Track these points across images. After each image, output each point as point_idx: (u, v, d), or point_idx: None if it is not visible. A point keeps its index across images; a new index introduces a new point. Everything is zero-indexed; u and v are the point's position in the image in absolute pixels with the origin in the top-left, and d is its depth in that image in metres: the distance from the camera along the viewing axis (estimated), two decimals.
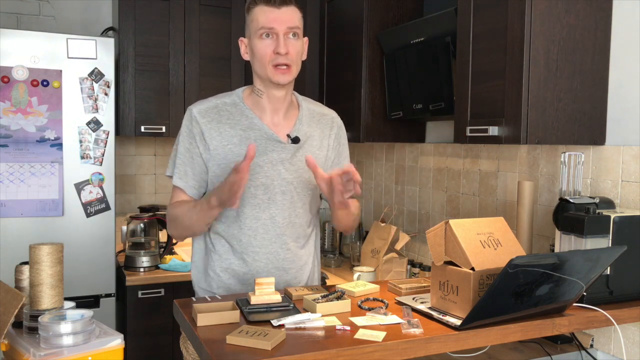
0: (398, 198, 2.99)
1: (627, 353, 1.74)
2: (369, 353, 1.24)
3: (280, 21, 1.60)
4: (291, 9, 1.63)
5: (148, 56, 2.99)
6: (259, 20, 1.61)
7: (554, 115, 1.74)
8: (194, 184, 1.71)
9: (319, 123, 1.79)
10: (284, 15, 1.61)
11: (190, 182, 1.70)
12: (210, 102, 1.72)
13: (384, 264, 2.49)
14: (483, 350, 1.72)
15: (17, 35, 2.56)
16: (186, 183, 1.70)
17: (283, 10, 1.61)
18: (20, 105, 2.56)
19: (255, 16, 1.63)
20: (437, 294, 1.48)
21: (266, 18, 1.60)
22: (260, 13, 1.61)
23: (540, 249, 2.07)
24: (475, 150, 2.44)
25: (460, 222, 1.44)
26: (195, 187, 1.71)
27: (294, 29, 1.62)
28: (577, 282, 1.39)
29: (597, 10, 1.79)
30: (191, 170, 1.70)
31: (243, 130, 1.68)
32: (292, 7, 1.63)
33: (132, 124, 2.97)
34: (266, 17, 1.60)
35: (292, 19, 1.62)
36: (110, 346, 1.34)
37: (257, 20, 1.62)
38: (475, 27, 1.89)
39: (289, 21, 1.61)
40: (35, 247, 1.40)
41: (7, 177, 2.56)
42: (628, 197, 1.77)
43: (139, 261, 2.82)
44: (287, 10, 1.62)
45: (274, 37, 1.61)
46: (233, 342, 1.23)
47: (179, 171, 1.71)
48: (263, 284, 1.48)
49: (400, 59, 2.51)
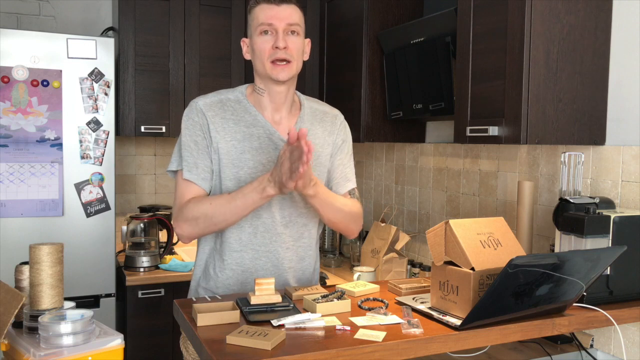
0: (398, 198, 2.99)
1: (627, 353, 1.74)
2: (369, 353, 1.24)
3: (280, 18, 1.61)
4: (291, 7, 1.64)
5: (148, 56, 2.99)
6: (259, 18, 1.63)
7: (554, 115, 1.74)
8: (205, 175, 1.66)
9: (322, 121, 1.79)
10: (283, 12, 1.62)
11: (202, 174, 1.66)
12: (214, 96, 1.71)
13: (384, 264, 2.49)
14: (483, 350, 1.72)
15: (17, 35, 2.56)
16: (197, 176, 1.65)
17: (283, 8, 1.62)
18: (20, 105, 2.56)
19: (255, 14, 1.64)
20: (437, 294, 1.48)
21: (265, 15, 1.62)
22: (260, 11, 1.63)
23: (540, 249, 2.07)
24: (475, 150, 2.44)
25: (460, 222, 1.44)
26: (207, 180, 1.66)
27: (293, 25, 1.63)
28: (577, 282, 1.39)
29: (597, 10, 1.79)
30: (201, 162, 1.66)
31: (246, 126, 1.68)
32: (292, 5, 1.64)
33: (132, 124, 2.97)
34: (265, 14, 1.62)
35: (291, 16, 1.63)
36: (110, 346, 1.34)
37: (257, 18, 1.63)
38: (475, 27, 1.89)
39: (288, 18, 1.62)
40: (35, 247, 1.40)
41: (7, 177, 2.56)
42: (628, 197, 1.77)
43: (139, 261, 2.82)
44: (287, 7, 1.63)
45: (273, 33, 1.62)
46: (233, 342, 1.23)
47: (188, 164, 1.66)
48: (263, 284, 1.48)
49: (400, 59, 2.51)
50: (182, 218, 1.64)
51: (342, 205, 1.70)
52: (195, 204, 1.62)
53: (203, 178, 1.66)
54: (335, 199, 1.69)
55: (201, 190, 1.67)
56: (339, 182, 1.80)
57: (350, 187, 1.82)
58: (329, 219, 1.70)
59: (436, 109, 2.33)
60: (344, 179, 1.81)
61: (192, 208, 1.62)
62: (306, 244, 1.77)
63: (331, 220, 1.71)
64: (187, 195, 1.66)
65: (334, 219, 1.70)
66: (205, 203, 1.61)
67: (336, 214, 1.69)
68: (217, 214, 1.59)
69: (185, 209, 1.63)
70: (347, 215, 1.72)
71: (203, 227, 1.63)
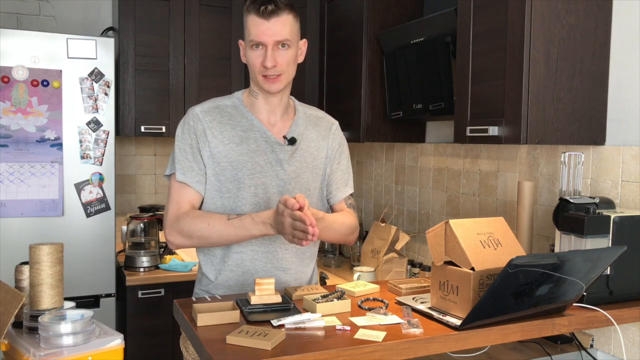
0: (398, 198, 2.99)
1: (627, 353, 1.74)
2: (369, 353, 1.24)
3: (269, 34, 1.59)
4: (281, 20, 1.60)
5: (148, 56, 2.99)
6: (250, 31, 1.62)
7: (554, 115, 1.74)
8: (199, 179, 1.67)
9: (316, 125, 1.80)
10: (273, 27, 1.59)
11: (196, 177, 1.67)
12: (211, 103, 1.74)
13: (384, 264, 2.49)
14: (483, 350, 1.72)
15: (17, 35, 2.56)
16: (192, 178, 1.67)
17: (272, 22, 1.59)
18: (20, 105, 2.56)
19: (247, 24, 1.63)
20: (437, 294, 1.48)
21: (256, 30, 1.60)
22: (252, 24, 1.61)
23: (540, 249, 2.07)
24: (475, 150, 2.44)
25: (460, 222, 1.44)
26: (201, 182, 1.68)
27: (282, 41, 1.61)
28: (577, 282, 1.39)
29: (597, 10, 1.79)
30: (196, 165, 1.67)
31: (243, 131, 1.69)
32: (282, 17, 1.60)
33: (132, 124, 2.97)
34: (256, 30, 1.60)
35: (280, 32, 1.60)
36: (110, 346, 1.34)
37: (249, 31, 1.63)
38: (475, 27, 1.89)
39: (277, 34, 1.60)
40: (35, 247, 1.40)
41: (7, 177, 2.56)
42: (628, 197, 1.77)
43: (139, 261, 2.82)
44: (277, 21, 1.59)
45: (263, 48, 1.62)
46: (233, 342, 1.23)
47: (182, 167, 1.67)
48: (263, 284, 1.48)
49: (400, 59, 2.51)
50: (177, 229, 1.64)
51: (331, 223, 1.71)
52: (192, 220, 1.62)
53: (197, 181, 1.67)
54: (332, 224, 1.71)
55: (196, 194, 1.68)
56: (339, 187, 1.82)
57: (348, 192, 1.84)
58: (327, 240, 1.77)
59: (436, 109, 2.33)
60: (343, 183, 1.83)
61: (189, 223, 1.62)
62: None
63: (324, 239, 1.75)
64: (182, 199, 1.67)
65: (326, 238, 1.75)
66: (202, 222, 1.62)
67: (333, 235, 1.75)
68: (214, 236, 1.62)
69: (182, 221, 1.63)
70: (338, 231, 1.75)
71: (196, 243, 1.67)
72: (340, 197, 1.82)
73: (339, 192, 1.82)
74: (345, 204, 1.83)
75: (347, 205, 1.83)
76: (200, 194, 1.68)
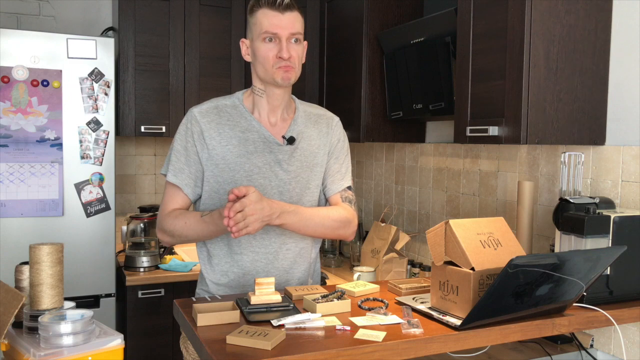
0: (398, 198, 2.99)
1: (627, 353, 1.74)
2: (369, 353, 1.24)
3: (284, 27, 1.62)
4: (294, 15, 1.64)
5: (148, 56, 2.99)
6: (263, 24, 1.62)
7: (554, 115, 1.74)
8: (189, 182, 1.69)
9: (316, 123, 1.79)
10: (287, 20, 1.62)
11: (186, 180, 1.69)
12: (210, 103, 1.74)
13: (384, 264, 2.49)
14: (483, 350, 1.72)
15: (17, 35, 2.56)
16: (182, 181, 1.69)
17: (286, 16, 1.62)
18: (20, 105, 2.56)
19: (258, 19, 1.63)
20: (437, 294, 1.48)
21: (270, 23, 1.61)
22: (264, 17, 1.62)
23: (540, 249, 2.07)
24: (475, 150, 2.44)
25: (460, 222, 1.44)
26: (190, 186, 1.70)
27: (296, 34, 1.64)
28: (577, 282, 1.39)
29: (597, 10, 1.79)
30: (187, 168, 1.69)
31: (242, 132, 1.69)
32: (295, 13, 1.64)
33: (132, 124, 2.97)
34: (270, 22, 1.61)
35: (294, 25, 1.63)
36: (110, 346, 1.34)
37: (261, 24, 1.63)
38: (475, 27, 1.89)
39: (292, 27, 1.63)
40: (35, 247, 1.40)
41: (7, 177, 2.56)
42: (628, 197, 1.77)
43: (139, 261, 2.82)
44: (291, 15, 1.63)
45: (277, 41, 1.62)
46: (233, 342, 1.23)
47: (174, 168, 1.70)
48: (263, 284, 1.48)
49: (400, 59, 2.51)
50: (161, 228, 1.71)
51: (322, 218, 1.70)
52: (173, 219, 1.68)
53: (186, 184, 1.69)
54: (311, 217, 1.68)
55: (184, 196, 1.71)
56: (334, 180, 1.80)
57: (345, 185, 1.81)
58: (311, 235, 1.74)
59: (436, 109, 2.33)
60: (340, 177, 1.80)
61: (170, 222, 1.68)
62: (306, 245, 1.78)
63: (314, 235, 1.74)
64: (170, 200, 1.71)
65: (316, 234, 1.73)
66: (181, 221, 1.66)
67: (316, 229, 1.71)
68: (191, 234, 1.66)
69: (165, 221, 1.69)
70: (330, 227, 1.72)
71: (179, 241, 1.71)
72: (335, 190, 1.79)
73: (334, 184, 1.79)
74: (341, 198, 1.80)
75: (343, 198, 1.80)
76: (187, 197, 1.71)
